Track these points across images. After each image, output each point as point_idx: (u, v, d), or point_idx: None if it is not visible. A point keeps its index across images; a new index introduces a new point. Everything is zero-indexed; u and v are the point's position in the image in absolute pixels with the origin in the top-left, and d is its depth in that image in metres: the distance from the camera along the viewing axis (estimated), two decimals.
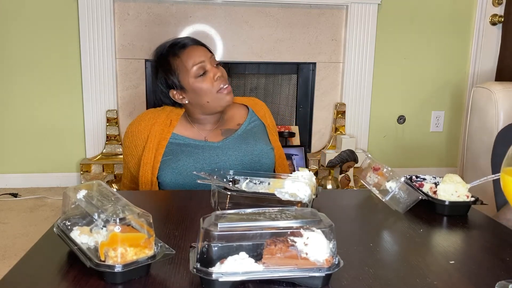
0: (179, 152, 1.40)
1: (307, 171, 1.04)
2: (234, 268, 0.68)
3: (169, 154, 1.40)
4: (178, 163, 1.37)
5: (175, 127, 1.45)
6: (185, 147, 1.41)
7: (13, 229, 2.33)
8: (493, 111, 1.94)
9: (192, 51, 1.41)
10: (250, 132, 1.49)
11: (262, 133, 1.53)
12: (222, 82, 1.40)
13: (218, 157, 1.40)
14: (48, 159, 2.94)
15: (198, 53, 1.41)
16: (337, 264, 0.71)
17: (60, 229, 0.81)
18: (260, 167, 1.43)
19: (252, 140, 1.46)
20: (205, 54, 1.42)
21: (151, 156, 1.40)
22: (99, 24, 2.76)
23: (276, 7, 2.92)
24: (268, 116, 1.59)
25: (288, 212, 0.75)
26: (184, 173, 1.36)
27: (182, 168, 1.37)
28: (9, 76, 2.82)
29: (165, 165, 1.39)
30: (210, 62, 1.41)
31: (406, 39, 3.12)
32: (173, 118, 1.46)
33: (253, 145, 1.44)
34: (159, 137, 1.42)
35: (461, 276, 0.76)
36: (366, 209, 1.12)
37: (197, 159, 1.38)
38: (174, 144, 1.42)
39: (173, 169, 1.37)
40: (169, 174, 1.37)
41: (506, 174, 0.71)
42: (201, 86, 1.39)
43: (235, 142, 1.44)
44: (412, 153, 3.30)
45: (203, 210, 1.01)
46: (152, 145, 1.41)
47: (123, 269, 0.69)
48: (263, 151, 1.45)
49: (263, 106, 1.61)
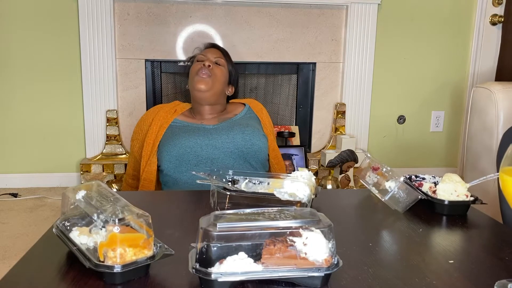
0: (178, 131, 1.56)
1: (307, 171, 1.04)
2: (233, 268, 0.68)
3: (170, 134, 1.56)
4: (176, 138, 1.52)
5: (178, 115, 1.63)
6: (184, 128, 1.58)
7: (13, 229, 2.33)
8: (493, 111, 1.94)
9: (208, 49, 1.69)
10: (244, 120, 1.64)
11: (256, 123, 1.66)
12: (204, 69, 1.59)
13: (212, 136, 1.53)
14: (48, 159, 2.94)
15: (210, 50, 1.68)
16: (336, 264, 0.71)
17: (60, 230, 0.81)
18: (251, 147, 1.53)
19: (244, 124, 1.59)
20: (213, 52, 1.67)
21: (153, 136, 1.56)
22: (99, 24, 2.76)
23: (276, 7, 2.92)
24: (264, 113, 1.73)
25: (287, 212, 0.75)
26: (179, 144, 1.50)
27: (179, 141, 1.50)
28: (9, 76, 2.82)
29: (165, 142, 1.53)
30: (211, 58, 1.64)
31: (406, 39, 3.12)
32: (178, 108, 1.66)
33: (244, 127, 1.57)
34: (162, 120, 1.59)
35: (460, 275, 0.76)
36: (366, 209, 1.12)
37: (193, 135, 1.53)
38: (175, 127, 1.59)
39: (169, 144, 1.51)
40: (168, 147, 1.50)
41: (505, 173, 0.71)
42: (191, 68, 1.65)
43: (229, 125, 1.59)
44: (412, 153, 3.30)
45: (202, 210, 1.01)
46: (155, 127, 1.58)
47: (122, 270, 0.69)
48: (254, 132, 1.56)
49: (260, 105, 1.76)
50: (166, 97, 3.01)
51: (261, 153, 1.55)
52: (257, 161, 1.56)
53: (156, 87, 2.97)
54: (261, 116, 1.70)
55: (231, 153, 1.51)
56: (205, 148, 1.50)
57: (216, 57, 1.65)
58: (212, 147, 1.51)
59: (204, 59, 1.63)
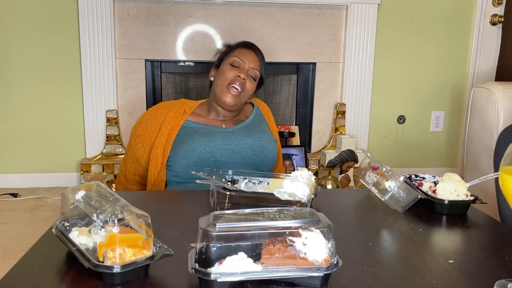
0: (193, 133, 1.46)
1: (306, 170, 1.04)
2: (233, 268, 0.68)
3: (183, 135, 1.46)
4: (193, 141, 1.43)
5: (189, 115, 1.53)
6: (199, 129, 1.49)
7: (13, 229, 2.33)
8: (493, 111, 1.93)
9: (249, 53, 1.56)
10: (256, 124, 1.59)
11: (266, 127, 1.63)
12: (238, 82, 1.50)
13: (230, 141, 1.46)
14: (48, 159, 2.94)
15: (250, 55, 1.55)
16: (336, 263, 0.71)
17: (59, 230, 0.81)
18: (266, 154, 1.50)
19: (259, 130, 1.56)
20: (253, 61, 1.54)
21: (162, 140, 1.46)
22: (99, 24, 2.76)
23: (276, 7, 2.92)
24: (271, 116, 1.71)
25: (287, 212, 0.75)
26: (198, 151, 1.41)
27: (196, 145, 1.42)
28: (9, 76, 2.82)
29: (178, 144, 1.44)
30: (248, 68, 1.53)
31: (406, 39, 3.12)
32: (187, 108, 1.55)
33: (261, 134, 1.53)
34: (172, 123, 1.49)
35: (460, 275, 0.76)
36: (365, 209, 1.12)
37: (211, 139, 1.44)
38: (188, 128, 1.49)
39: (187, 147, 1.42)
40: (183, 151, 1.42)
41: (505, 173, 0.71)
42: (225, 70, 1.52)
43: (245, 129, 1.54)
44: (412, 153, 3.30)
45: (202, 210, 1.01)
46: (165, 130, 1.48)
47: (121, 270, 0.69)
48: (270, 140, 1.53)
49: (267, 107, 1.73)
50: (166, 97, 3.01)
51: (273, 160, 1.54)
52: (268, 168, 1.53)
53: (156, 87, 2.97)
54: (268, 118, 1.67)
55: (249, 159, 1.47)
56: (225, 153, 1.44)
57: (253, 68, 1.54)
58: (231, 151, 1.45)
59: (241, 67, 1.52)
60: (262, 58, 1.60)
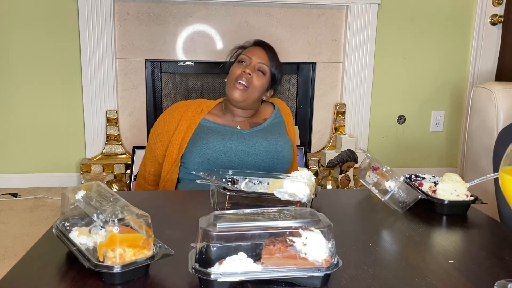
0: (209, 131, 1.48)
1: (306, 170, 1.04)
2: (233, 268, 0.68)
3: (199, 133, 1.48)
4: (208, 139, 1.45)
5: (206, 114, 1.54)
6: (216, 129, 1.50)
7: (13, 229, 2.33)
8: (493, 111, 1.93)
9: (256, 48, 1.57)
10: (275, 127, 1.58)
11: (284, 130, 1.61)
12: (243, 77, 1.49)
13: (245, 142, 1.47)
14: (48, 159, 2.94)
15: (257, 52, 1.56)
16: (336, 264, 0.71)
17: (59, 230, 0.81)
18: (282, 158, 1.50)
19: (277, 133, 1.54)
20: (261, 56, 1.54)
21: (179, 138, 1.48)
22: (99, 24, 2.76)
23: (276, 7, 2.92)
24: (291, 119, 1.68)
25: (287, 212, 0.75)
26: (213, 149, 1.43)
27: (212, 144, 1.44)
28: (9, 76, 2.82)
29: (194, 141, 1.46)
30: (255, 63, 1.52)
31: (406, 39, 3.12)
32: (205, 107, 1.56)
33: (277, 137, 1.52)
34: (189, 121, 1.51)
35: (460, 275, 0.76)
36: (366, 209, 1.12)
37: (227, 139, 1.46)
38: (205, 126, 1.51)
39: (202, 145, 1.44)
40: (198, 148, 1.43)
41: (505, 173, 0.71)
42: (233, 68, 1.53)
43: (261, 132, 1.53)
44: (412, 153, 3.30)
45: (202, 210, 1.01)
46: (182, 127, 1.49)
47: (121, 270, 0.69)
48: (286, 144, 1.52)
49: (288, 109, 1.71)
50: (166, 97, 3.01)
51: (287, 164, 1.53)
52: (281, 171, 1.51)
53: (156, 87, 2.97)
54: (288, 120, 1.65)
55: (262, 162, 1.47)
56: (239, 153, 1.45)
57: (260, 62, 1.53)
58: (245, 153, 1.46)
59: (247, 63, 1.52)
60: (274, 55, 1.60)
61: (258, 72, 1.53)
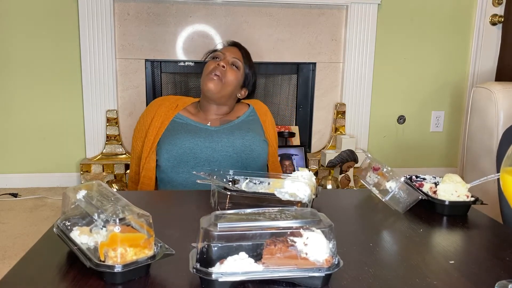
0: (179, 129, 1.53)
1: (307, 171, 1.04)
2: (234, 268, 0.68)
3: (170, 129, 1.53)
4: (176, 136, 1.49)
5: (180, 110, 1.59)
6: (185, 126, 1.54)
7: (13, 229, 2.33)
8: (493, 111, 1.94)
9: (230, 47, 1.63)
10: (245, 123, 1.60)
11: (258, 127, 1.62)
12: (217, 70, 1.53)
13: (212, 138, 1.51)
14: (48, 159, 2.94)
15: (230, 49, 1.62)
16: (337, 264, 0.71)
17: (60, 229, 0.81)
18: (250, 152, 1.52)
19: (246, 129, 1.56)
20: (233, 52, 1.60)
21: (153, 133, 1.53)
22: (99, 24, 2.76)
23: (276, 7, 2.92)
24: (268, 117, 1.69)
25: (288, 212, 0.75)
26: (179, 144, 1.47)
27: (179, 141, 1.48)
28: (9, 76, 2.82)
29: (164, 138, 1.51)
30: (228, 59, 1.57)
31: (406, 39, 3.12)
32: (180, 103, 1.61)
33: (245, 132, 1.54)
34: (163, 117, 1.55)
35: (460, 276, 0.76)
36: (366, 209, 1.12)
37: (194, 136, 1.50)
38: (177, 122, 1.55)
39: (170, 142, 1.48)
40: (166, 145, 1.48)
41: (506, 173, 0.71)
42: (206, 64, 1.58)
43: (230, 128, 1.56)
44: (412, 153, 3.30)
45: (203, 210, 1.01)
46: (156, 123, 1.54)
47: (122, 269, 0.69)
48: (255, 138, 1.54)
49: (265, 108, 1.72)
50: None
51: (260, 159, 1.54)
52: (255, 167, 1.54)
53: (156, 87, 2.97)
54: (264, 119, 1.66)
55: (230, 157, 1.50)
56: (204, 150, 1.48)
57: (234, 58, 1.58)
58: (212, 149, 1.49)
59: (221, 58, 1.57)
60: (248, 56, 1.65)
61: (232, 67, 1.57)
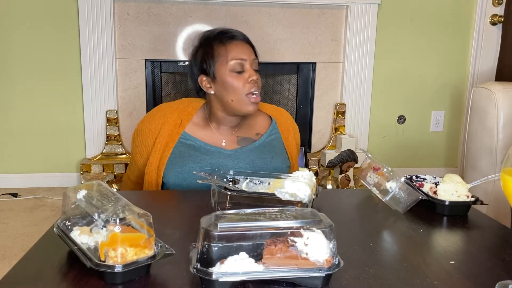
0: (187, 155, 1.34)
1: (307, 171, 1.04)
2: (234, 268, 0.68)
3: (177, 154, 1.34)
4: (184, 167, 1.32)
5: (186, 127, 1.38)
6: (193, 151, 1.35)
7: (13, 229, 2.33)
8: (493, 111, 1.94)
9: (239, 46, 1.35)
10: (268, 146, 1.40)
11: (280, 148, 1.43)
12: (255, 87, 1.32)
13: (227, 167, 1.30)
14: (48, 159, 2.94)
15: (243, 49, 1.35)
16: (337, 264, 0.71)
17: (60, 229, 0.81)
18: None
19: (269, 156, 1.37)
20: (249, 53, 1.35)
21: (157, 158, 1.36)
22: (99, 24, 2.76)
23: (276, 7, 2.92)
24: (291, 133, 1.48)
25: (288, 212, 0.75)
26: (188, 179, 1.31)
27: (188, 174, 1.31)
28: (9, 76, 2.82)
29: (170, 167, 1.34)
30: (250, 64, 1.34)
31: (406, 39, 3.12)
32: (184, 118, 1.39)
33: (269, 162, 1.35)
34: (167, 138, 1.36)
35: (461, 276, 0.76)
36: (366, 209, 1.12)
37: (204, 166, 1.31)
38: (184, 144, 1.36)
39: (178, 174, 1.32)
40: (174, 177, 1.33)
41: (506, 174, 0.71)
42: (232, 81, 1.31)
43: (249, 154, 1.36)
44: (412, 153, 3.30)
45: (203, 210, 1.01)
46: (160, 145, 1.36)
47: (123, 269, 0.69)
48: (277, 169, 1.35)
49: (289, 122, 1.50)
50: (166, 97, 3.01)
51: None
52: None
53: (156, 87, 2.97)
54: (287, 136, 1.46)
55: None
56: None
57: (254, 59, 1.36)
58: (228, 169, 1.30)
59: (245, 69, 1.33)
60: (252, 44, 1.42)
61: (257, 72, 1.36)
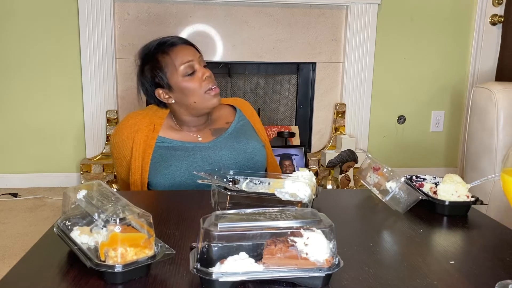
0: (169, 156, 1.36)
1: (307, 171, 1.04)
2: (234, 268, 0.68)
3: (159, 159, 1.36)
4: (169, 168, 1.33)
5: (159, 131, 1.41)
6: (174, 151, 1.37)
7: (13, 229, 2.33)
8: (493, 111, 1.94)
9: (182, 50, 1.39)
10: (240, 130, 1.47)
11: (252, 131, 1.51)
12: (211, 83, 1.37)
13: (211, 158, 1.36)
14: (48, 159, 2.94)
15: (187, 52, 1.39)
16: (337, 264, 0.71)
17: (60, 229, 0.81)
18: (253, 165, 1.41)
19: (244, 138, 1.43)
20: (194, 53, 1.39)
21: (138, 165, 1.37)
22: (99, 24, 2.76)
23: (276, 7, 2.92)
24: (255, 117, 1.57)
25: (288, 212, 0.75)
26: (178, 178, 1.33)
27: (176, 173, 1.33)
28: (9, 76, 2.82)
29: (155, 171, 1.35)
30: (198, 62, 1.38)
31: (406, 39, 3.12)
32: (157, 122, 1.42)
33: (246, 143, 1.42)
34: (143, 144, 1.38)
35: (461, 276, 0.76)
36: (366, 209, 1.12)
37: (189, 162, 1.34)
38: (163, 148, 1.38)
39: (165, 175, 1.33)
40: (162, 179, 1.34)
41: (506, 174, 0.71)
42: (188, 85, 1.35)
43: (226, 141, 1.41)
44: (412, 153, 3.30)
45: (203, 210, 1.01)
46: (138, 153, 1.37)
47: (123, 269, 0.69)
48: (256, 148, 1.42)
49: (249, 105, 1.59)
50: None
51: (262, 165, 1.45)
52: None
53: None
54: (254, 120, 1.54)
55: None
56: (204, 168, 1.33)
57: (199, 57, 1.40)
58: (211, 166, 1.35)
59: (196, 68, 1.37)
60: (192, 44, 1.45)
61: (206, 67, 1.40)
